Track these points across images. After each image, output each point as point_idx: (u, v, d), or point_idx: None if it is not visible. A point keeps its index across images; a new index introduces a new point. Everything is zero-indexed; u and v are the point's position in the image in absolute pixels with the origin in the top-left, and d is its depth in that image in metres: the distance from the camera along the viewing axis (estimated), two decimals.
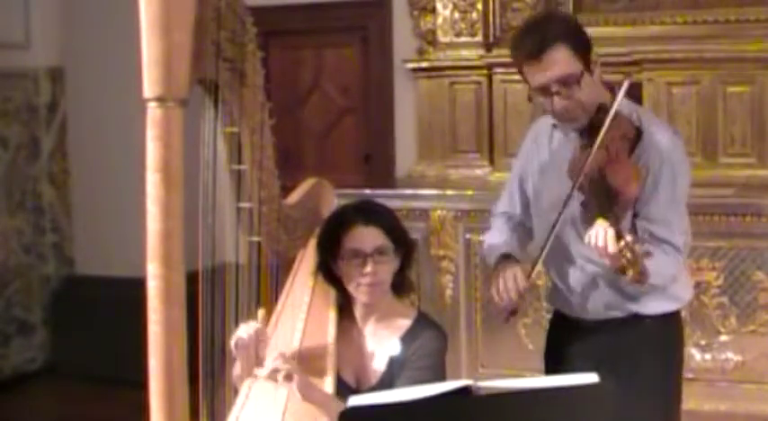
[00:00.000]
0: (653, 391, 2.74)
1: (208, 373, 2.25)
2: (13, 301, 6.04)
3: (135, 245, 2.36)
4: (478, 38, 5.52)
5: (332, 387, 2.40)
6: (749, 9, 5.12)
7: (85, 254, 6.27)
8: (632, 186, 2.51)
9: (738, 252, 4.60)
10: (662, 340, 2.78)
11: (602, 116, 2.56)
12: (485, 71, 5.47)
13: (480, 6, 5.49)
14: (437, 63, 5.61)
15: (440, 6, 5.59)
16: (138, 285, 2.05)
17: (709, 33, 5.11)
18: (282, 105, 5.42)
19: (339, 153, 6.17)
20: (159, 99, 1.89)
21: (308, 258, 2.73)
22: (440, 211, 5.12)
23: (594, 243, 2.41)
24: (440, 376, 2.44)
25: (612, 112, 2.54)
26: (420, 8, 5.78)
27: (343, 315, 2.59)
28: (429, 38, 5.73)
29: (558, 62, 2.57)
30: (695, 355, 4.59)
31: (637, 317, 2.74)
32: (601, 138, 2.52)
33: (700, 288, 4.53)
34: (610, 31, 5.24)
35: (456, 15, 5.54)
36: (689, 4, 5.26)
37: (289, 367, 2.29)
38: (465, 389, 1.81)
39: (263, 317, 2.38)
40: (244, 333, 2.34)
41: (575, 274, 2.77)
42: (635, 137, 2.58)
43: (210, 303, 2.26)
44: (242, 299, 2.40)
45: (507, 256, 2.78)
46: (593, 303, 2.75)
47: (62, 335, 6.13)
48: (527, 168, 2.88)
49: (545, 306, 4.52)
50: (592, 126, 2.59)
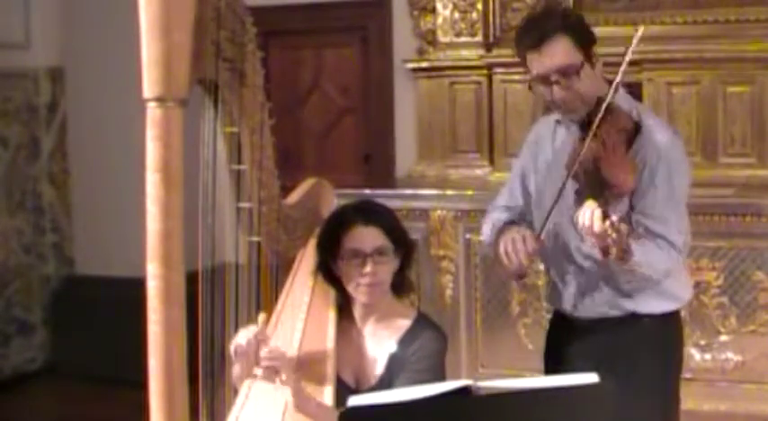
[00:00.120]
0: (652, 391, 2.74)
1: (207, 373, 2.25)
2: (13, 301, 6.03)
3: (135, 245, 2.35)
4: (478, 38, 5.52)
5: (332, 390, 2.39)
6: (749, 9, 5.12)
7: (85, 254, 6.26)
8: (625, 178, 2.53)
9: (738, 252, 4.60)
10: (661, 340, 2.78)
11: (600, 108, 2.58)
12: (485, 71, 5.47)
13: (480, 6, 5.49)
14: (437, 63, 5.61)
15: (440, 6, 5.58)
16: (138, 285, 2.04)
17: (710, 33, 5.11)
18: (282, 105, 5.42)
19: (339, 153, 6.16)
20: (159, 99, 1.89)
21: (307, 258, 2.72)
22: (440, 211, 5.11)
23: (582, 222, 2.43)
24: (439, 377, 2.43)
25: (612, 92, 2.57)
26: (420, 8, 5.77)
27: (343, 315, 2.59)
28: (429, 38, 5.73)
29: (559, 52, 2.62)
30: (695, 355, 4.59)
31: (635, 317, 2.74)
32: (595, 126, 2.55)
33: (700, 288, 4.53)
34: (610, 31, 5.21)
35: (456, 15, 5.53)
36: (689, 4, 5.26)
37: (277, 363, 2.28)
38: (465, 389, 1.81)
39: (263, 321, 2.35)
40: (243, 339, 2.32)
41: (573, 272, 2.77)
42: (633, 131, 2.59)
43: (210, 303, 2.25)
44: (242, 299, 2.40)
45: (511, 223, 2.79)
46: (590, 301, 2.76)
47: (62, 335, 6.13)
48: (529, 166, 2.89)
49: (545, 306, 4.52)
50: (590, 118, 2.61)
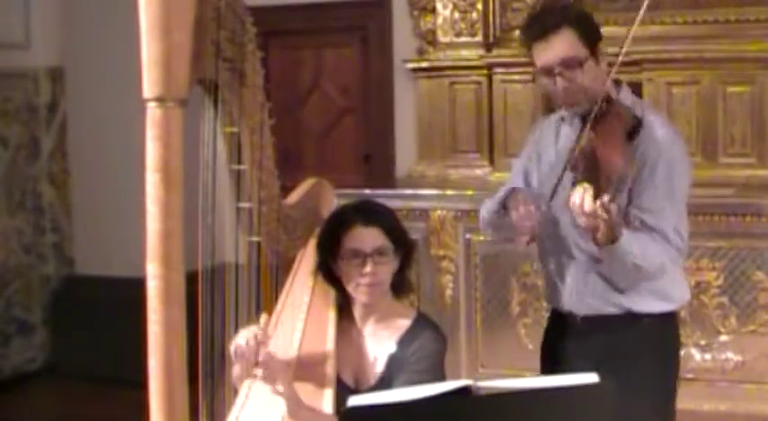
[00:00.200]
0: (650, 391, 2.74)
1: (207, 373, 2.25)
2: (13, 301, 6.04)
3: (135, 245, 2.35)
4: (478, 38, 5.52)
5: (332, 390, 2.39)
6: (749, 9, 5.12)
7: (85, 254, 6.26)
8: (617, 160, 2.52)
9: (738, 252, 4.60)
10: (659, 340, 2.79)
11: (602, 102, 2.60)
12: (485, 71, 5.47)
13: (480, 6, 5.49)
14: (437, 63, 5.61)
15: (440, 6, 5.58)
16: (138, 285, 2.04)
17: (710, 33, 5.11)
18: (282, 105, 5.42)
19: (339, 153, 6.16)
20: (159, 99, 1.89)
21: (307, 258, 2.72)
22: (440, 211, 5.12)
23: (572, 201, 2.44)
24: (439, 377, 2.42)
25: (613, 71, 2.62)
26: (420, 8, 5.77)
27: (343, 315, 2.59)
28: (429, 38, 5.73)
29: (563, 44, 2.65)
30: (695, 355, 4.59)
31: (634, 317, 2.74)
32: (594, 115, 2.56)
33: (700, 288, 4.54)
34: (610, 31, 5.15)
35: (456, 15, 5.53)
36: (689, 4, 5.26)
37: (273, 373, 2.27)
38: (465, 389, 1.81)
39: (265, 322, 2.34)
40: (243, 340, 2.30)
41: (570, 266, 2.78)
42: (633, 126, 2.61)
43: (210, 303, 2.25)
44: (242, 299, 2.40)
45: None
46: (588, 297, 2.76)
47: (62, 335, 6.13)
48: (532, 164, 2.90)
49: (545, 306, 4.51)
50: (593, 112, 2.62)
